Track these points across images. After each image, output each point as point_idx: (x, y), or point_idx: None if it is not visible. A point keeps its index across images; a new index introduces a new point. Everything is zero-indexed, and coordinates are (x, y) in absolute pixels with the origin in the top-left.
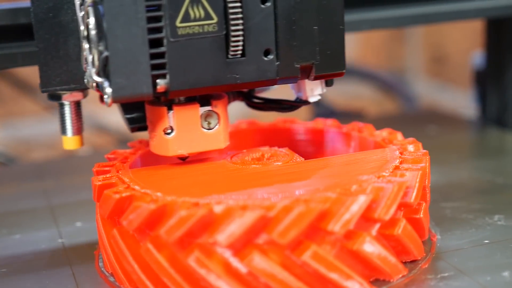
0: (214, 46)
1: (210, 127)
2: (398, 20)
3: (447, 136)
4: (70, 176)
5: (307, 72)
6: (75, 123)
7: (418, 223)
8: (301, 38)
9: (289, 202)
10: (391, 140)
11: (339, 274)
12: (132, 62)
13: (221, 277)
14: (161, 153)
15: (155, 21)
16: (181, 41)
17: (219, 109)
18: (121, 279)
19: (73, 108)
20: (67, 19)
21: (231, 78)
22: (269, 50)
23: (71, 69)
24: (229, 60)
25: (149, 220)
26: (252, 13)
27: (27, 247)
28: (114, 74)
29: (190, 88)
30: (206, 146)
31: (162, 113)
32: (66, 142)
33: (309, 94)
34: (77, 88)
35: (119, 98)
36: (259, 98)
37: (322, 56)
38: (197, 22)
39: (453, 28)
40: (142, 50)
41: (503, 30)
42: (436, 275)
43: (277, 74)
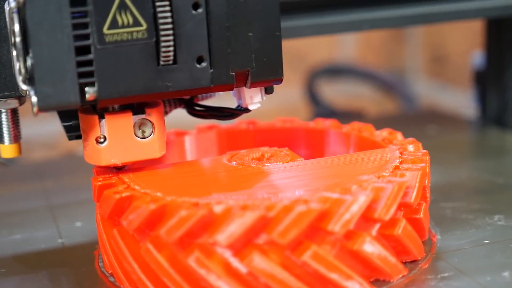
0: (144, 53)
1: (144, 136)
2: (398, 20)
3: (447, 136)
4: (70, 176)
5: (243, 80)
6: (12, 131)
7: (418, 223)
8: (236, 45)
9: (289, 202)
10: (391, 140)
11: (339, 274)
12: (58, 70)
13: (221, 277)
14: (94, 163)
15: (81, 27)
16: (109, 48)
17: (153, 117)
18: (121, 279)
19: (10, 116)
20: (0, 25)
21: (163, 86)
22: (202, 57)
23: (5, 76)
24: (160, 67)
25: (149, 220)
26: (183, 19)
27: (27, 247)
28: (39, 82)
29: (120, 97)
30: (141, 155)
31: (94, 122)
32: (3, 150)
33: (249, 102)
34: (11, 96)
35: (46, 107)
36: (200, 105)
37: (258, 63)
38: (125, 29)
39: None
40: (69, 58)
41: (503, 30)
42: (436, 275)
43: (212, 81)
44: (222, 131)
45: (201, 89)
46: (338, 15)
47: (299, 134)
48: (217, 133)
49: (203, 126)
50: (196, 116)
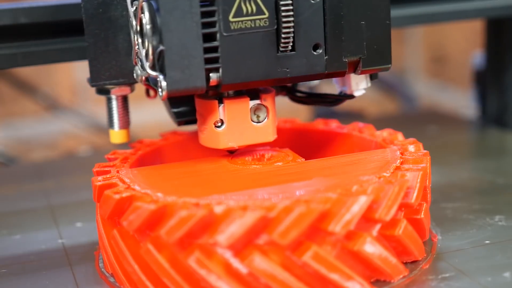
0: (265, 41)
1: (259, 120)
2: (398, 20)
3: (447, 136)
4: (70, 176)
5: (354, 67)
6: (122, 117)
7: (419, 223)
8: (349, 33)
9: (289, 203)
10: (392, 141)
11: (339, 274)
12: (186, 56)
13: (222, 277)
14: (211, 146)
15: (208, 15)
16: (233, 35)
17: (268, 102)
18: (121, 279)
19: (120, 103)
20: (117, 14)
21: (282, 72)
22: (318, 45)
23: (120, 64)
24: (280, 54)
25: (150, 220)
26: (302, 8)
27: (27, 247)
28: (169, 68)
29: (241, 82)
30: (256, 138)
31: (213, 107)
32: (113, 136)
33: (354, 88)
34: (125, 83)
35: (174, 91)
36: (303, 92)
37: (369, 51)
38: (249, 17)
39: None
40: (196, 44)
41: (503, 30)
42: (437, 275)
43: (326, 68)
44: None
45: (316, 75)
46: None
47: (300, 135)
48: None
49: None
50: (298, 102)
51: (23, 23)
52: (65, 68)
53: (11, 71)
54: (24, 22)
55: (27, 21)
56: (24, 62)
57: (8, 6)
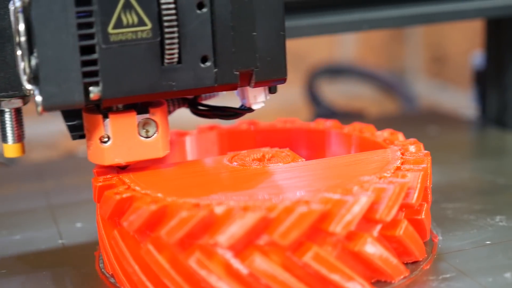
0: (148, 53)
1: (148, 135)
2: (398, 20)
3: (447, 136)
4: (70, 176)
5: (247, 79)
6: (16, 131)
7: (420, 224)
8: (240, 44)
9: (290, 203)
10: (393, 141)
11: (340, 275)
12: (62, 70)
13: (222, 278)
14: (97, 162)
15: (86, 27)
16: (113, 47)
17: (157, 117)
18: (121, 280)
19: (14, 115)
20: (4, 24)
21: (167, 86)
22: (207, 57)
23: (9, 76)
24: (165, 67)
25: (150, 221)
26: (188, 19)
27: (27, 247)
28: (44, 82)
29: (124, 96)
30: (144, 154)
31: (98, 121)
32: (7, 150)
33: (252, 101)
34: (15, 95)
35: (50, 107)
36: (204, 105)
37: (262, 63)
38: (130, 29)
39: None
40: (73, 57)
41: (503, 30)
42: (437, 276)
43: (216, 81)
44: (223, 132)
45: (205, 88)
46: (338, 15)
47: (300, 135)
48: (218, 133)
49: (204, 127)
50: (199, 116)
51: None
52: None
53: None
54: None
55: None
56: None
57: None
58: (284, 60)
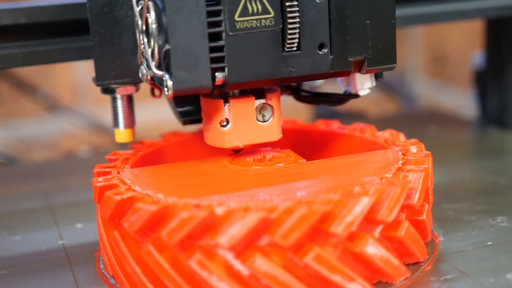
0: (270, 40)
1: (264, 120)
2: (398, 20)
3: (448, 136)
4: (70, 177)
5: (359, 66)
6: (127, 117)
7: (421, 225)
8: (354, 32)
9: (291, 204)
10: (394, 141)
11: (341, 276)
12: (192, 56)
13: (223, 279)
14: (216, 145)
15: (214, 15)
16: (239, 35)
17: (273, 102)
18: (122, 281)
19: (125, 102)
20: (122, 14)
21: (287, 72)
22: (324, 44)
23: (125, 63)
24: (285, 53)
25: (150, 222)
26: (308, 7)
27: (27, 248)
28: (175, 67)
29: (247, 81)
30: (261, 138)
31: (218, 106)
32: (118, 135)
33: (359, 88)
34: (130, 82)
35: (180, 91)
36: (307, 91)
37: (374, 50)
38: (254, 16)
39: (453, 28)
40: (202, 44)
41: (503, 30)
42: (439, 277)
43: (331, 67)
44: None
45: (321, 74)
46: None
47: (301, 135)
48: None
49: None
50: (302, 102)
51: (23, 23)
52: (65, 68)
53: (11, 71)
54: (24, 22)
55: (27, 21)
56: (24, 62)
57: (8, 6)
58: (394, 48)
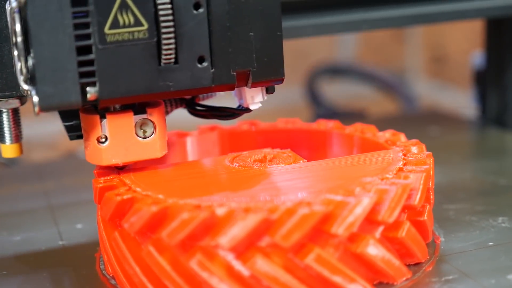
0: (145, 53)
1: (145, 136)
2: (398, 20)
3: (448, 136)
4: (70, 177)
5: (244, 80)
6: (14, 131)
7: (422, 225)
8: (237, 44)
9: (292, 205)
10: (394, 142)
11: (342, 277)
12: (59, 70)
13: (224, 280)
14: (95, 163)
15: (83, 27)
16: (110, 48)
17: (154, 117)
18: (122, 282)
19: (11, 116)
20: (1, 24)
21: (164, 86)
22: (203, 57)
23: (6, 76)
24: (162, 67)
25: (151, 222)
26: (184, 19)
27: (27, 248)
28: (40, 82)
29: (121, 97)
30: (142, 155)
31: (95, 122)
32: (4, 150)
33: (250, 102)
34: (13, 96)
35: (47, 107)
36: (201, 105)
37: (259, 63)
38: (126, 29)
39: (453, 28)
40: (70, 58)
41: (503, 30)
42: (440, 278)
43: (213, 81)
44: (224, 132)
45: (202, 88)
46: (338, 15)
47: (302, 135)
48: (218, 134)
49: (204, 127)
50: (197, 116)
51: None
52: None
53: None
54: None
55: None
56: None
57: None
58: (281, 61)
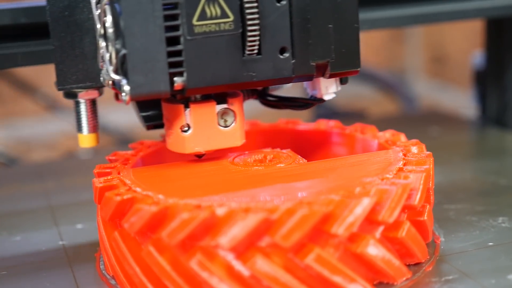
0: (230, 44)
1: (226, 125)
2: (398, 20)
3: (448, 136)
4: (70, 177)
5: (322, 70)
6: (91, 121)
7: (422, 225)
8: (316, 36)
9: (292, 205)
10: (395, 142)
11: (342, 277)
12: (149, 60)
13: (224, 280)
14: (177, 151)
15: (172, 19)
16: (197, 39)
17: (235, 106)
18: (122, 282)
19: (89, 106)
20: (83, 17)
21: (247, 76)
22: (285, 48)
23: (87, 68)
24: (246, 58)
25: (151, 222)
26: (268, 11)
27: (28, 249)
28: (132, 72)
29: (206, 86)
30: (223, 143)
31: (179, 111)
32: (81, 140)
33: (324, 92)
34: (92, 86)
35: (137, 96)
36: (273, 96)
37: (337, 54)
38: (213, 20)
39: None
40: (160, 48)
41: (503, 30)
42: (440, 278)
43: (293, 72)
44: None
45: (283, 79)
46: None
47: (302, 136)
48: None
49: None
50: (268, 106)
51: (23, 23)
52: None
53: (11, 71)
54: (24, 22)
55: (27, 21)
56: (24, 62)
57: (8, 6)
58: (358, 52)
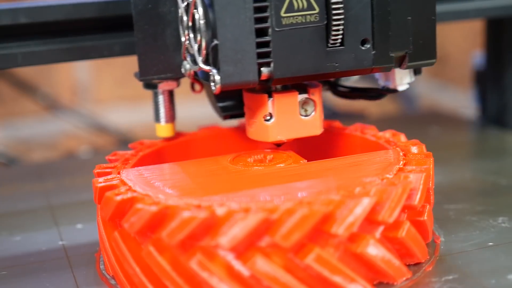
0: (315, 36)
1: (307, 114)
2: None
3: (448, 136)
4: (70, 177)
5: (400, 61)
6: (168, 111)
7: (422, 225)
8: (396, 28)
9: (292, 205)
10: (395, 142)
11: (342, 277)
12: (239, 51)
13: (224, 280)
14: (260, 139)
15: (261, 11)
16: (285, 30)
17: (315, 96)
18: (122, 282)
19: (167, 97)
20: (165, 10)
21: (331, 67)
22: (366, 40)
23: (168, 59)
24: (329, 49)
25: (151, 222)
26: (352, 4)
27: (28, 249)
28: (223, 62)
29: (292, 76)
30: (303, 132)
31: (263, 100)
32: (159, 129)
33: (398, 83)
34: (173, 77)
35: (227, 85)
36: (345, 86)
37: (415, 46)
38: (300, 13)
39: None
40: (249, 39)
41: (503, 30)
42: (440, 278)
43: (373, 63)
44: (224, 132)
45: (363, 69)
46: None
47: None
48: (219, 134)
49: (205, 127)
50: (341, 97)
51: (23, 23)
52: (65, 68)
53: (11, 71)
54: (24, 22)
55: (27, 21)
56: (24, 62)
57: (8, 6)
58: (434, 43)
